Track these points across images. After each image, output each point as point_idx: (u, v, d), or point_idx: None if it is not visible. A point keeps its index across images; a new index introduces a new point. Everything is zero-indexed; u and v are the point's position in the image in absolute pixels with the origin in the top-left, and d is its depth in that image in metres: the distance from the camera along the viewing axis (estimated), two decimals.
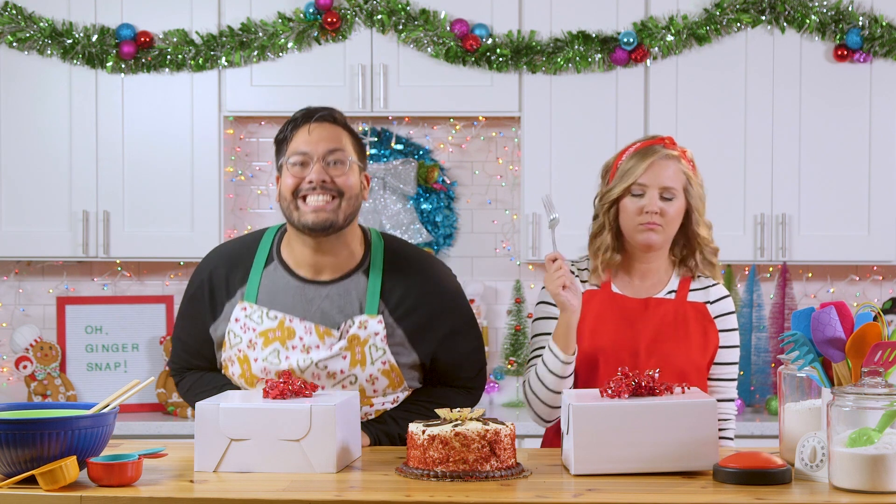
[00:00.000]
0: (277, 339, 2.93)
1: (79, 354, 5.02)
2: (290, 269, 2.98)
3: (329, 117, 2.95)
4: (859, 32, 4.73)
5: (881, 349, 2.39)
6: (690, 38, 4.78)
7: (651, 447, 2.49)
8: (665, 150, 3.05)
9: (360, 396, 2.88)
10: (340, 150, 2.91)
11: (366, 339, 2.92)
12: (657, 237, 3.02)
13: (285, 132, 2.97)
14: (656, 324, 3.02)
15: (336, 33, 4.81)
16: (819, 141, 4.82)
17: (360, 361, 2.92)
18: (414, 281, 2.99)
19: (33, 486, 2.37)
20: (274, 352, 2.92)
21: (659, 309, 3.04)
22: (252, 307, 2.96)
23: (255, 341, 2.94)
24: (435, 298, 2.99)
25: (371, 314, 2.93)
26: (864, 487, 2.30)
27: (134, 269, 5.13)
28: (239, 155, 5.12)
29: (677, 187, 3.03)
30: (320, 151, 2.90)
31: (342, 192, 2.90)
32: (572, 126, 4.80)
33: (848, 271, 5.11)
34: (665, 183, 3.01)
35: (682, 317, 3.04)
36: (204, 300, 3.02)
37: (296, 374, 2.90)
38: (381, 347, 2.93)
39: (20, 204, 4.83)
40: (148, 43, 4.79)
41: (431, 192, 5.12)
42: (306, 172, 2.90)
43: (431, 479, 2.45)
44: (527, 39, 4.79)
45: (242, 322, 2.96)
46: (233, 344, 2.97)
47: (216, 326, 3.01)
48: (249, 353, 2.94)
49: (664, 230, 3.02)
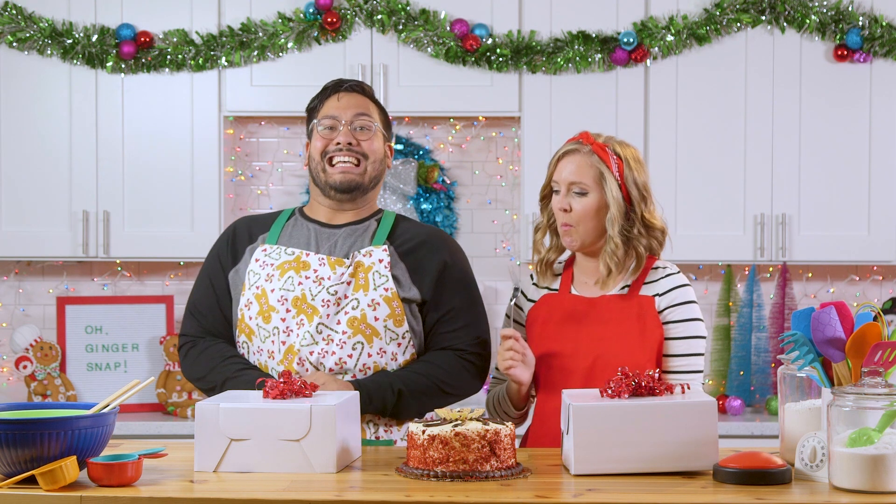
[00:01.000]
0: (293, 268, 3.07)
1: (79, 354, 5.02)
2: (310, 218, 3.18)
3: (358, 87, 3.18)
4: (859, 32, 4.74)
5: (881, 349, 2.39)
6: (690, 38, 4.79)
7: (651, 447, 2.49)
8: (572, 146, 3.03)
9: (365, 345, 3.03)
10: (367, 116, 3.13)
11: (370, 265, 3.06)
12: (569, 239, 3.03)
13: (316, 101, 3.19)
14: (597, 323, 3.00)
15: (336, 33, 4.81)
16: (819, 141, 4.82)
17: (362, 286, 3.05)
18: (422, 231, 3.19)
19: (33, 486, 2.37)
20: (289, 279, 3.06)
21: (604, 307, 3.02)
22: (272, 247, 3.13)
23: (272, 274, 3.08)
24: (439, 242, 3.16)
25: (378, 244, 3.10)
26: (864, 487, 2.30)
27: (134, 269, 5.14)
28: (239, 155, 5.12)
29: (586, 181, 2.99)
30: (348, 116, 3.12)
31: (367, 155, 3.12)
32: (572, 126, 4.77)
33: (848, 271, 5.12)
34: (570, 178, 3.01)
35: (626, 313, 2.99)
36: (226, 251, 3.18)
37: (307, 301, 3.03)
38: (384, 274, 3.06)
39: (20, 204, 4.83)
40: (148, 43, 4.79)
41: (431, 192, 5.12)
42: (334, 135, 3.11)
43: (431, 479, 2.45)
44: (527, 39, 4.79)
45: (262, 261, 3.11)
46: (252, 283, 3.09)
47: (237, 269, 3.14)
48: (266, 285, 3.06)
49: (576, 229, 3.01)
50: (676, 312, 3.01)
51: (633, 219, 3.02)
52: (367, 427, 3.05)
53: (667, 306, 3.01)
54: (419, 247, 3.13)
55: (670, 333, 3.01)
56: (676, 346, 3.01)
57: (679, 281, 3.03)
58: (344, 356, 3.02)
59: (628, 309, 3.00)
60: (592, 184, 3.00)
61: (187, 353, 3.15)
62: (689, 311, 3.02)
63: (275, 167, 5.14)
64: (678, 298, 3.01)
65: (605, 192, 2.99)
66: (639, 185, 3.02)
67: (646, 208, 3.03)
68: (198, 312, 3.16)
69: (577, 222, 3.01)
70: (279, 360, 3.04)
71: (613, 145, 3.03)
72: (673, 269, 3.06)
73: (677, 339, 3.01)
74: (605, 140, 3.04)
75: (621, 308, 3.01)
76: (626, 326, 2.98)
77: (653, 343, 2.98)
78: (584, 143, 3.02)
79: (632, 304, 3.00)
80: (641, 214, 3.02)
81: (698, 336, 3.02)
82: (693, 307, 3.03)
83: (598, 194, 3.00)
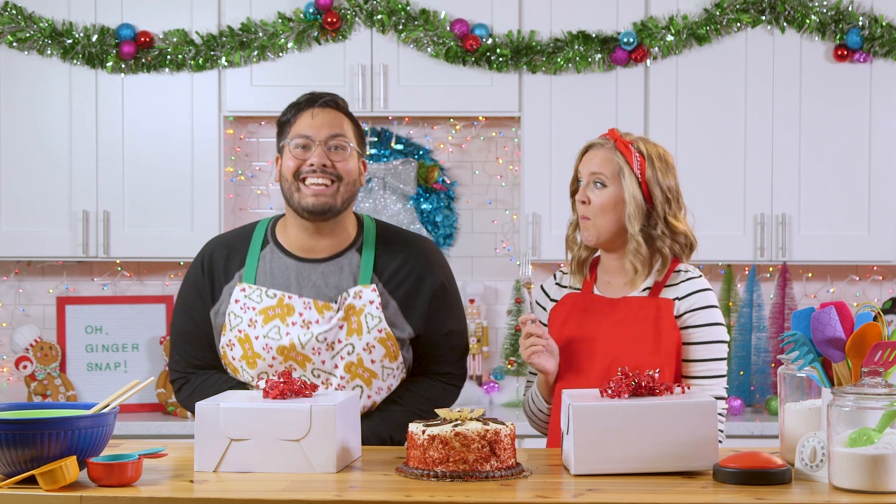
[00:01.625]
0: (277, 315, 2.99)
1: (79, 354, 5.02)
2: (286, 250, 3.07)
3: (332, 103, 3.06)
4: (859, 32, 4.74)
5: (881, 349, 2.39)
6: (690, 38, 4.78)
7: (651, 447, 2.49)
8: (598, 140, 3.03)
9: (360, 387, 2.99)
10: (342, 136, 3.02)
11: (361, 308, 3.00)
12: (587, 233, 3.01)
13: (288, 115, 3.07)
14: (615, 324, 2.98)
15: (336, 33, 4.81)
16: (819, 141, 4.82)
17: (356, 330, 2.99)
18: (405, 256, 3.09)
19: (33, 486, 2.37)
20: (274, 328, 2.98)
21: (624, 308, 2.99)
22: (251, 287, 3.03)
23: (255, 319, 3.00)
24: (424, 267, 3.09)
25: (364, 284, 3.02)
26: (864, 487, 2.30)
27: (134, 269, 5.14)
28: (239, 155, 5.12)
29: (606, 174, 2.97)
30: (322, 136, 3.00)
31: (341, 176, 3.01)
32: (572, 126, 4.80)
33: (848, 271, 5.11)
34: (591, 169, 2.99)
35: (644, 315, 2.96)
36: (204, 285, 3.08)
37: (297, 349, 2.96)
38: (376, 316, 3.00)
39: (20, 204, 4.83)
40: (148, 43, 4.79)
41: (431, 192, 5.12)
42: (308, 155, 3.00)
43: (431, 479, 2.45)
44: (527, 39, 4.79)
45: (242, 302, 3.02)
46: (233, 325, 3.02)
47: (216, 309, 3.06)
48: (250, 331, 2.99)
49: (593, 222, 2.99)
50: (697, 317, 2.97)
51: (656, 218, 2.98)
52: None
53: (687, 310, 2.97)
54: (406, 278, 3.07)
55: (691, 338, 2.96)
56: (698, 350, 2.97)
57: (700, 285, 2.99)
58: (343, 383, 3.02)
59: (646, 311, 2.97)
60: (611, 177, 2.98)
61: (181, 388, 3.12)
62: (711, 316, 2.98)
63: (275, 167, 5.13)
64: (699, 303, 2.97)
65: (623, 188, 2.96)
66: (663, 186, 2.98)
67: (670, 211, 2.99)
68: (182, 348, 3.11)
69: (594, 215, 2.98)
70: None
71: (638, 143, 3.01)
72: (695, 273, 3.02)
73: (698, 343, 2.96)
74: (632, 138, 3.02)
75: (639, 310, 2.98)
76: (642, 329, 2.95)
77: (670, 346, 2.93)
78: (610, 139, 3.02)
79: (650, 306, 2.97)
80: (665, 216, 2.99)
81: (720, 341, 2.98)
82: (714, 311, 2.98)
83: (616, 188, 2.97)
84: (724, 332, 3.00)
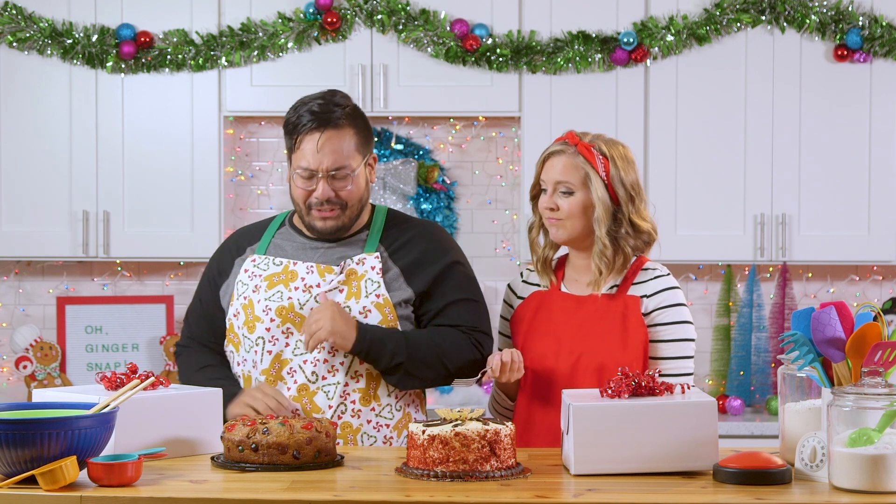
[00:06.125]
0: (281, 281, 3.07)
1: (79, 354, 5.02)
2: (300, 231, 3.17)
3: (333, 124, 3.01)
4: (859, 32, 4.74)
5: (881, 349, 2.39)
6: (690, 38, 4.78)
7: (651, 447, 2.49)
8: (558, 146, 3.04)
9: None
10: (344, 168, 3.03)
11: (363, 274, 3.06)
12: (555, 231, 3.03)
13: (293, 130, 3.05)
14: (582, 321, 3.00)
15: (336, 33, 4.81)
16: (819, 141, 4.82)
17: (354, 294, 3.04)
18: (416, 232, 3.16)
19: (33, 486, 2.37)
20: (277, 292, 3.06)
21: (591, 305, 3.01)
22: (260, 258, 3.13)
23: (259, 285, 3.08)
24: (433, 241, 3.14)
25: (370, 252, 3.09)
26: (864, 487, 2.30)
27: (134, 269, 5.14)
28: (239, 155, 5.12)
29: (572, 181, 3.00)
30: (325, 167, 3.02)
31: (347, 203, 3.06)
32: (572, 126, 4.73)
33: (848, 271, 5.12)
34: (556, 178, 3.02)
35: (610, 313, 2.98)
36: (221, 260, 3.21)
37: (295, 310, 3.03)
38: (375, 281, 3.05)
39: (20, 204, 4.83)
40: (148, 43, 4.79)
41: (431, 192, 5.12)
42: (312, 184, 3.04)
43: (431, 479, 2.45)
44: (527, 39, 4.79)
45: (251, 272, 3.12)
46: (240, 293, 3.10)
47: (227, 283, 3.16)
48: (254, 296, 3.07)
49: (564, 224, 3.01)
50: (665, 315, 2.99)
51: (621, 219, 3.01)
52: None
53: (655, 308, 3.00)
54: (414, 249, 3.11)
55: (659, 336, 2.99)
56: (665, 348, 2.99)
57: (668, 283, 3.02)
58: (336, 363, 3.03)
59: (613, 309, 2.99)
60: (578, 184, 3.00)
61: (177, 358, 3.26)
62: (678, 314, 3.00)
63: (275, 167, 5.14)
64: (666, 301, 3.00)
65: (591, 193, 2.99)
66: (626, 184, 3.01)
67: (634, 208, 3.02)
68: (187, 320, 3.27)
69: (566, 218, 3.02)
70: (263, 369, 3.05)
71: (600, 144, 3.02)
72: (663, 271, 3.05)
73: (666, 341, 2.99)
74: (591, 139, 3.03)
75: (606, 308, 3.00)
76: (609, 326, 2.97)
77: (637, 343, 2.95)
78: (570, 144, 3.02)
79: (617, 303, 2.99)
80: (629, 215, 3.01)
81: (687, 339, 3.01)
82: (682, 310, 3.01)
83: (583, 194, 3.00)
84: (691, 331, 3.02)
